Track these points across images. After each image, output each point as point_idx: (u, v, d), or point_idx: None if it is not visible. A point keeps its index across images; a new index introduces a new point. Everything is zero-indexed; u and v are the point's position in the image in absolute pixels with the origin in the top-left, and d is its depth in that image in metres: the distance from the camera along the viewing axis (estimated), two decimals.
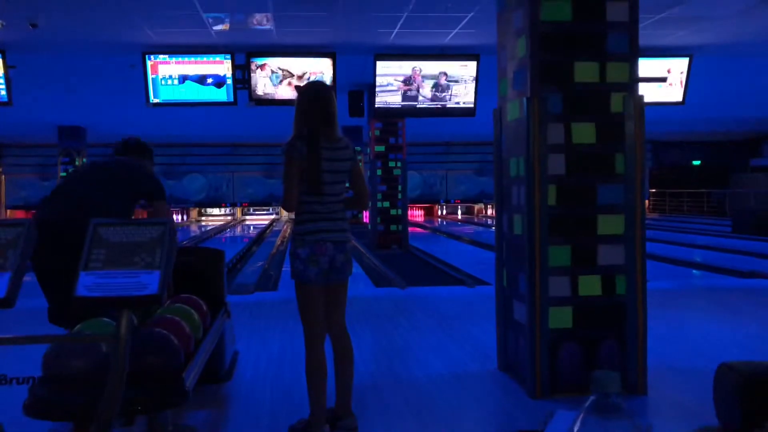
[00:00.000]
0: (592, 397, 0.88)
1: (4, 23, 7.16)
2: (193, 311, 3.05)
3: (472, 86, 8.77)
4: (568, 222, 3.69)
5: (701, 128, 20.69)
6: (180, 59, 8.09)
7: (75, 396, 2.33)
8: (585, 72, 3.66)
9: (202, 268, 3.91)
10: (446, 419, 3.46)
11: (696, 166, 25.78)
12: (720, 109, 15.63)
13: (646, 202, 26.14)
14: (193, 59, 8.10)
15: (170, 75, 8.14)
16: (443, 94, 8.85)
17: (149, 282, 1.79)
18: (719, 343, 4.93)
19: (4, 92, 7.82)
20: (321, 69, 8.25)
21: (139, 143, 3.91)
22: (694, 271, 9.77)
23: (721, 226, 17.55)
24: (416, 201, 25.00)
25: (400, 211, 12.08)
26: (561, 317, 3.69)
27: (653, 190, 26.15)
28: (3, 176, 22.28)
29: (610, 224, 3.69)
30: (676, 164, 25.67)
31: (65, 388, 2.34)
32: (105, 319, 2.74)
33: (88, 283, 1.78)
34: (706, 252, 11.59)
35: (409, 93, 8.98)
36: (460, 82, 8.78)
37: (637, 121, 3.64)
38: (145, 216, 4.19)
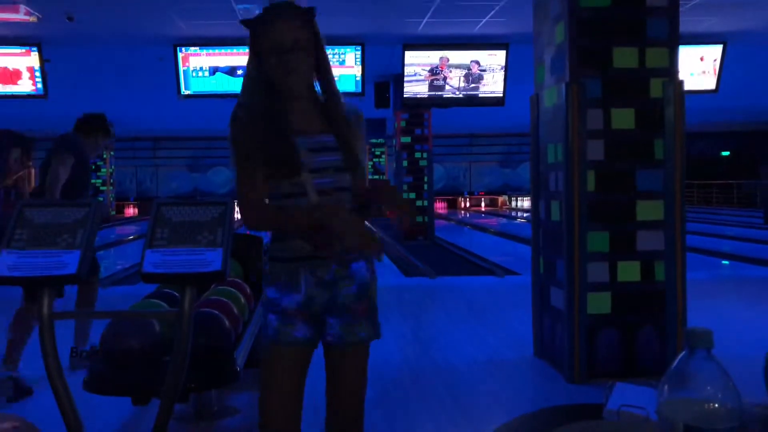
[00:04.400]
0: (682, 353, 0.91)
1: (40, 16, 7.30)
2: (239, 294, 3.12)
3: (500, 75, 8.74)
4: (606, 208, 3.68)
5: (733, 118, 20.35)
6: (211, 51, 8.18)
7: (131, 373, 2.41)
8: (624, 57, 3.65)
9: (242, 254, 3.98)
10: (484, 403, 3.49)
11: (725, 156, 25.38)
12: (753, 98, 15.37)
13: None
14: (223, 51, 8.18)
15: (201, 67, 8.23)
16: (474, 84, 8.84)
17: (213, 259, 1.85)
18: (757, 330, 4.89)
19: (40, 85, 7.98)
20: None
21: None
22: (724, 261, 9.65)
23: (751, 217, 17.28)
24: (440, 193, 24.98)
25: (426, 203, 12.08)
26: (599, 303, 3.69)
27: None
28: (33, 169, 22.68)
29: (649, 210, 3.68)
30: (704, 155, 25.29)
31: (122, 365, 2.42)
32: (153, 300, 2.81)
33: (154, 260, 1.84)
34: (737, 243, 11.44)
35: (435, 83, 8.97)
36: (488, 71, 8.75)
37: (677, 107, 3.62)
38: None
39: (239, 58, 8.17)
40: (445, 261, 9.73)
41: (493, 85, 8.83)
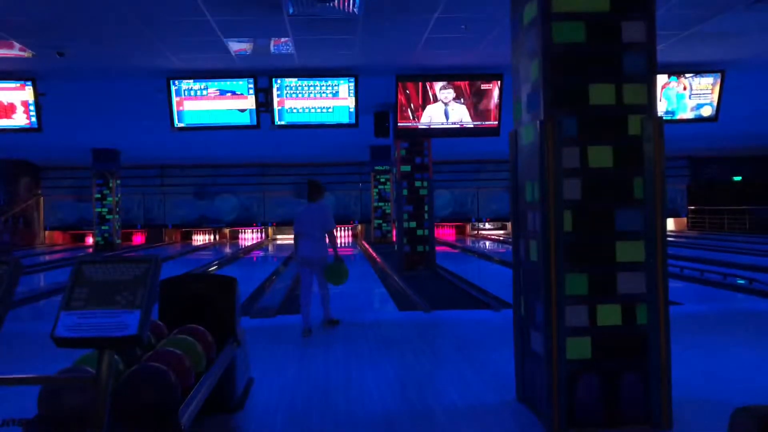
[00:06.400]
0: None
1: (35, 53, 7.36)
2: (196, 343, 3.01)
3: (496, 104, 8.66)
4: (585, 249, 3.55)
5: (740, 143, 20.14)
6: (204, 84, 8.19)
7: None
8: (600, 94, 3.54)
9: (213, 296, 3.88)
10: None
11: (737, 181, 25.05)
12: (758, 124, 15.18)
13: (684, 219, 25.47)
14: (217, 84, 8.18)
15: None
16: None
17: (130, 322, 1.75)
18: (757, 374, 4.68)
19: (34, 119, 8.01)
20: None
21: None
22: (735, 293, 9.35)
23: (764, 244, 16.95)
24: (447, 219, 24.85)
25: (426, 232, 11.96)
26: (579, 348, 3.54)
27: (692, 207, 25.49)
28: (42, 198, 22.88)
29: (629, 251, 3.54)
30: (715, 180, 24.99)
31: (61, 426, 2.31)
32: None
33: (68, 323, 1.74)
34: (748, 273, 11.12)
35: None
36: (484, 100, 8.67)
37: (657, 144, 3.50)
38: None
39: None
40: (444, 293, 9.56)
41: (488, 115, 8.75)
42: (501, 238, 22.41)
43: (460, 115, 8.61)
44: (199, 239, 24.59)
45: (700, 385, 4.34)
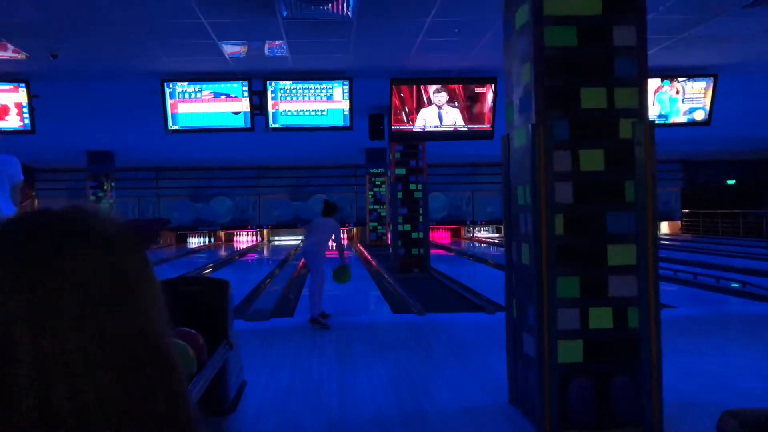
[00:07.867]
0: None
1: (29, 55, 7.34)
2: (187, 346, 3.00)
3: (489, 108, 8.67)
4: (576, 252, 3.57)
5: (733, 147, 20.22)
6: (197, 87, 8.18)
7: None
8: (592, 98, 3.56)
9: (206, 299, 3.88)
10: None
11: (731, 185, 25.15)
12: (751, 128, 15.25)
13: (678, 222, 25.55)
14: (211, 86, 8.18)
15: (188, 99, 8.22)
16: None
17: None
18: (749, 376, 4.69)
19: (27, 121, 7.99)
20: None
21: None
22: (728, 296, 9.37)
23: (758, 248, 17.00)
24: (442, 222, 24.86)
25: (421, 235, 11.97)
26: (571, 351, 3.55)
27: (685, 211, 25.57)
28: (36, 200, 22.81)
29: (620, 254, 3.56)
30: (709, 183, 25.08)
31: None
32: None
33: None
34: (742, 276, 11.15)
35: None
36: (478, 104, 8.69)
37: (648, 147, 3.52)
38: None
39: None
40: (438, 296, 9.56)
41: (482, 118, 8.76)
42: (496, 241, 22.42)
43: (453, 118, 8.63)
44: (195, 242, 24.53)
45: (692, 388, 4.35)
